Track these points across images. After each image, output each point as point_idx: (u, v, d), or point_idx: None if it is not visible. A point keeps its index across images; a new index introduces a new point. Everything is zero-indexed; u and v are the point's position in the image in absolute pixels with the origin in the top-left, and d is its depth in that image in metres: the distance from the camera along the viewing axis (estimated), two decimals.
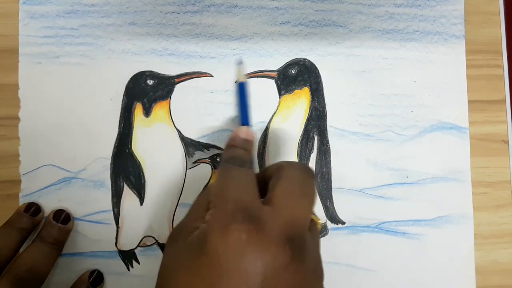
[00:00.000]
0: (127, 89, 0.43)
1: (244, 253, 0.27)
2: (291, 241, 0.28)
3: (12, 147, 0.42)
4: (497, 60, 0.46)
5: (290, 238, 0.28)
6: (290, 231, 0.28)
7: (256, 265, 0.26)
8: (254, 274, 0.26)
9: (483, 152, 0.45)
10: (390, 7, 0.45)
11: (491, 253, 0.45)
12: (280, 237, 0.28)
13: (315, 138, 0.44)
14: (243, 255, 0.27)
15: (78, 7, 0.43)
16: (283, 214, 0.29)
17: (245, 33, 0.44)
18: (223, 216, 0.28)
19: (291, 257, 0.27)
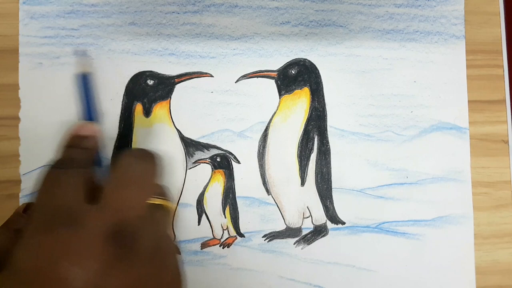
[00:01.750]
0: (127, 89, 0.43)
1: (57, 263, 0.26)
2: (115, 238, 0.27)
3: (12, 147, 0.42)
4: (497, 60, 0.46)
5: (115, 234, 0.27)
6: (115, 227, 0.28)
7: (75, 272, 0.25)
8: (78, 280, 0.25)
9: (483, 152, 0.45)
10: (390, 7, 0.45)
11: (491, 253, 0.45)
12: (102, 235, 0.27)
13: (315, 138, 0.44)
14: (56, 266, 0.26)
15: (78, 7, 0.43)
16: (106, 210, 0.28)
17: (245, 33, 0.44)
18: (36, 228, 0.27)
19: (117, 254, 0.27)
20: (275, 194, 0.43)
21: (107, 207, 0.29)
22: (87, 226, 0.27)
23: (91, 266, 0.26)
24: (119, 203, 0.29)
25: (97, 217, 0.28)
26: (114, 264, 0.27)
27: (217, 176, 0.43)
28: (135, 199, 0.30)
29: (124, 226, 0.28)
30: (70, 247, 0.26)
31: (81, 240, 0.26)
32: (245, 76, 0.44)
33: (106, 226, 0.27)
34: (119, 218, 0.28)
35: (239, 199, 0.43)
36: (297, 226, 0.43)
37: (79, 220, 0.27)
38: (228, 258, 0.43)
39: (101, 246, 0.27)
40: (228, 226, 0.43)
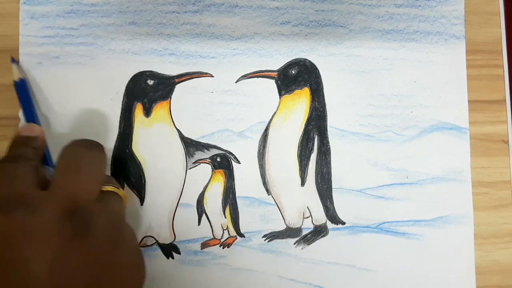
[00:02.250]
0: (127, 89, 0.43)
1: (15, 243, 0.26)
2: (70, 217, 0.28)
3: None
4: (497, 60, 0.46)
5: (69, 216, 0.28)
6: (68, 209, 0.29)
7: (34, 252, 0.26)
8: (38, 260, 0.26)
9: (483, 152, 0.45)
10: (391, 7, 0.45)
11: (491, 253, 0.45)
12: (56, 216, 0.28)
13: (315, 138, 0.44)
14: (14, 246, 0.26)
15: (78, 7, 0.43)
16: (59, 192, 0.30)
17: (246, 33, 0.44)
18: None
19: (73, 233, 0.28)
20: (275, 194, 0.43)
21: (58, 190, 0.30)
22: (41, 208, 0.28)
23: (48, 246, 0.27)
24: (70, 186, 0.30)
25: (49, 199, 0.29)
26: (70, 244, 0.27)
27: (217, 176, 0.43)
28: (85, 183, 0.31)
29: (77, 207, 0.29)
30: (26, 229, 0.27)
31: (36, 221, 0.27)
32: (245, 76, 0.44)
33: (59, 207, 0.29)
34: (71, 200, 0.29)
35: (239, 199, 0.43)
36: (297, 226, 0.44)
37: (31, 202, 0.28)
38: (228, 258, 0.43)
39: (56, 226, 0.28)
40: (228, 226, 0.43)
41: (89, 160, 0.33)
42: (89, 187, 0.31)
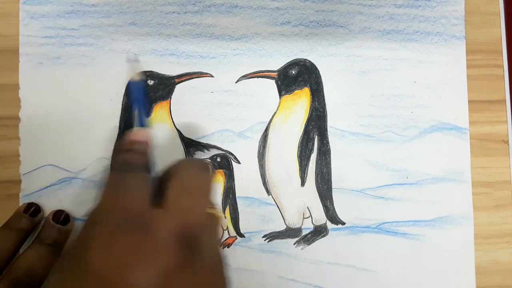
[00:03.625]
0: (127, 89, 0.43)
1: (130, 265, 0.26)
2: (183, 242, 0.28)
3: (12, 147, 0.42)
4: (497, 60, 0.46)
5: (182, 239, 0.28)
6: (182, 231, 0.28)
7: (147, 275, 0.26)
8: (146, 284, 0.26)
9: (483, 152, 0.45)
10: (391, 7, 0.45)
11: (491, 253, 0.45)
12: (170, 240, 0.27)
13: (315, 139, 0.44)
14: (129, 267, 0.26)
15: (79, 7, 0.43)
16: (174, 214, 0.29)
17: (246, 33, 0.44)
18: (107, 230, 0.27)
19: (185, 258, 0.27)
20: (275, 194, 0.43)
21: (173, 212, 0.29)
22: (156, 230, 0.27)
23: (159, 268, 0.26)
24: (184, 210, 0.30)
25: (165, 221, 0.28)
26: (181, 269, 0.27)
27: (217, 176, 0.43)
28: (199, 207, 0.31)
29: (190, 232, 0.29)
30: (141, 251, 0.27)
31: (151, 244, 0.27)
32: (246, 76, 0.44)
33: (173, 231, 0.28)
34: (185, 224, 0.29)
35: (239, 199, 0.43)
36: (297, 227, 0.44)
37: (148, 223, 0.28)
38: (228, 258, 0.43)
39: (170, 250, 0.27)
40: (228, 226, 0.43)
41: (203, 184, 0.32)
42: (201, 212, 0.31)
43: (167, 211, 0.29)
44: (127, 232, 0.27)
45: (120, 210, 0.29)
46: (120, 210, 0.29)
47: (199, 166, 0.33)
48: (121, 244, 0.27)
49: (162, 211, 0.29)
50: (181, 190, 0.31)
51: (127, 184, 0.31)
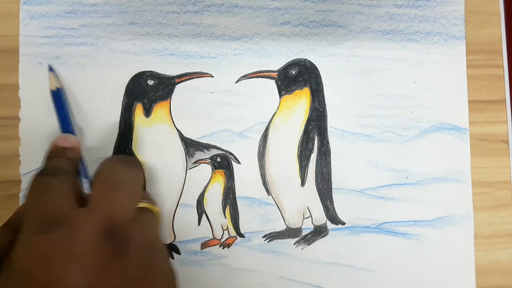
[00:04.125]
0: (128, 89, 0.43)
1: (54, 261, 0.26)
2: (108, 237, 0.28)
3: (12, 147, 0.42)
4: (497, 60, 0.46)
5: (107, 233, 0.28)
6: (106, 226, 0.28)
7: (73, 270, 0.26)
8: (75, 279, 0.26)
9: (483, 152, 0.45)
10: (391, 7, 0.45)
11: (491, 253, 0.45)
12: (94, 235, 0.28)
13: (315, 139, 0.44)
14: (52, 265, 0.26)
15: (79, 7, 0.43)
16: (97, 211, 0.29)
17: (246, 33, 0.44)
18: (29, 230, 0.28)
19: (110, 253, 0.28)
20: (275, 194, 0.43)
21: (96, 209, 0.30)
22: (79, 227, 0.28)
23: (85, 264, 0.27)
24: (108, 206, 0.30)
25: (88, 218, 0.29)
26: (107, 263, 0.27)
27: (217, 176, 0.43)
28: (124, 202, 0.31)
29: (115, 227, 0.29)
30: (64, 247, 0.27)
31: (74, 240, 0.27)
32: (246, 76, 0.44)
33: (97, 227, 0.28)
34: (109, 219, 0.29)
35: (239, 199, 0.43)
36: (297, 227, 0.44)
37: (71, 221, 0.28)
38: (228, 259, 0.43)
39: (93, 245, 0.27)
40: (228, 226, 0.43)
41: (127, 178, 0.32)
42: (127, 206, 0.31)
43: (89, 208, 0.30)
44: (47, 230, 0.27)
45: (42, 211, 0.29)
46: (42, 212, 0.29)
47: (123, 162, 0.33)
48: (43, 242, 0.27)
49: (84, 209, 0.30)
50: (101, 187, 0.31)
51: (51, 188, 0.31)
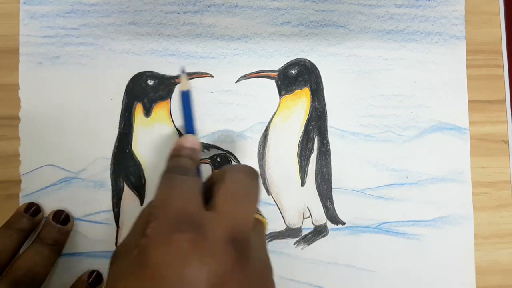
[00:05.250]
0: (128, 89, 0.43)
1: (187, 262, 0.27)
2: (234, 244, 0.28)
3: (12, 147, 0.42)
4: (497, 60, 0.46)
5: (233, 241, 0.28)
6: (233, 234, 0.29)
7: (201, 273, 0.26)
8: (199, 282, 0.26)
9: (483, 152, 0.45)
10: (391, 7, 0.45)
11: (491, 253, 0.45)
12: (222, 241, 0.28)
13: (315, 139, 0.44)
14: (186, 265, 0.26)
15: (78, 6, 0.43)
16: (225, 218, 0.29)
17: (246, 33, 0.44)
18: (164, 227, 0.28)
19: (235, 260, 0.28)
20: (275, 194, 0.43)
21: (224, 215, 0.30)
22: (208, 230, 0.28)
23: (212, 269, 0.27)
24: (235, 214, 0.30)
25: (216, 222, 0.29)
26: (231, 271, 0.27)
27: None
28: (248, 212, 0.31)
29: (240, 235, 0.29)
30: (196, 249, 0.27)
31: (204, 243, 0.27)
32: (246, 76, 0.44)
33: (225, 233, 0.28)
34: (235, 227, 0.29)
35: None
36: (297, 227, 0.44)
37: (202, 224, 0.28)
38: None
39: (221, 251, 0.27)
40: None
41: (252, 190, 0.32)
42: (250, 217, 0.31)
43: (218, 213, 0.30)
44: (184, 230, 0.28)
45: (176, 209, 0.29)
46: (176, 209, 0.29)
47: (246, 172, 0.33)
48: (179, 241, 0.27)
49: (214, 214, 0.30)
50: (230, 195, 0.31)
51: (182, 186, 0.31)
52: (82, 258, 0.42)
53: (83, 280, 0.41)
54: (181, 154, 0.37)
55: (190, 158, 0.36)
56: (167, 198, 0.30)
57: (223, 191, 0.31)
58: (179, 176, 0.33)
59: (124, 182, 0.42)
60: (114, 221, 0.42)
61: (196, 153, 0.38)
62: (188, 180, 0.32)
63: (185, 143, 0.38)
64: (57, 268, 0.41)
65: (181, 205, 0.30)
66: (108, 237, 0.42)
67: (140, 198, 0.42)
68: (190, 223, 0.28)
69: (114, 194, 0.42)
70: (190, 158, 0.36)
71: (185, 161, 0.36)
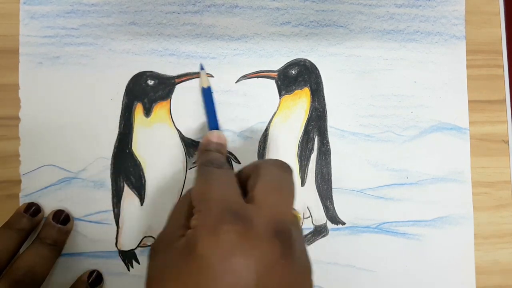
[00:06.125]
0: (128, 89, 0.43)
1: (235, 253, 0.27)
2: (279, 236, 0.28)
3: (12, 147, 0.42)
4: (497, 60, 0.46)
5: (278, 233, 0.28)
6: (276, 227, 0.29)
7: (249, 264, 0.27)
8: (248, 273, 0.26)
9: (483, 152, 0.45)
10: (391, 7, 0.45)
11: (491, 253, 0.45)
12: (268, 234, 0.28)
13: (315, 139, 0.44)
14: (234, 255, 0.27)
15: (78, 7, 0.43)
16: (267, 211, 0.29)
17: (246, 33, 0.44)
18: (210, 218, 0.28)
19: (281, 252, 0.28)
20: None
21: (266, 208, 0.30)
22: (254, 222, 0.28)
23: (259, 261, 0.27)
24: (277, 207, 0.30)
25: (261, 215, 0.29)
26: (275, 263, 0.27)
27: None
28: (288, 207, 0.31)
29: (282, 229, 0.29)
30: (243, 240, 0.27)
31: (251, 234, 0.28)
32: (246, 76, 0.44)
33: (270, 224, 0.29)
34: (277, 220, 0.29)
35: None
36: None
37: (247, 215, 0.28)
38: None
39: (268, 241, 0.28)
40: None
41: (289, 183, 0.33)
42: (290, 209, 0.31)
43: (259, 206, 0.30)
44: (231, 220, 0.28)
45: (219, 201, 0.29)
46: (219, 201, 0.29)
47: (281, 166, 0.33)
48: (227, 232, 0.27)
49: (255, 206, 0.30)
50: (269, 188, 0.31)
51: (221, 179, 0.32)
52: (82, 258, 0.42)
53: (83, 280, 0.41)
54: (210, 149, 0.38)
55: (219, 152, 0.37)
56: (208, 191, 0.31)
57: (261, 184, 0.31)
58: (216, 169, 0.33)
59: (124, 182, 0.42)
60: (114, 221, 0.42)
61: (224, 147, 0.39)
62: (225, 173, 0.33)
63: (212, 138, 0.39)
64: (57, 268, 0.41)
65: (223, 197, 0.30)
66: (108, 237, 0.42)
67: (140, 198, 0.42)
68: (235, 215, 0.28)
69: (114, 194, 0.42)
70: (219, 152, 0.37)
71: (216, 155, 0.37)
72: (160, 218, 0.42)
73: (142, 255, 0.42)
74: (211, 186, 0.31)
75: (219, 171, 0.33)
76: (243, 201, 0.30)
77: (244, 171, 0.34)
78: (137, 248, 0.42)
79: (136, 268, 0.42)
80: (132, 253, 0.42)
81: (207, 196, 0.30)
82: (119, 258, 0.42)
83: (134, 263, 0.42)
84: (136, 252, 0.42)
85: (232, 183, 0.32)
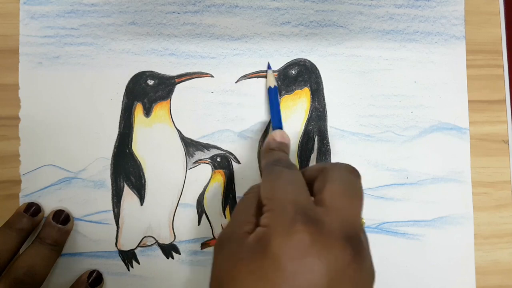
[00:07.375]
0: (128, 89, 0.43)
1: (308, 254, 0.27)
2: (350, 241, 0.28)
3: (12, 147, 0.42)
4: (497, 60, 0.46)
5: (349, 238, 0.28)
6: (347, 231, 0.28)
7: (321, 266, 0.26)
8: (319, 275, 0.26)
9: (483, 152, 0.45)
10: (391, 7, 0.45)
11: (491, 253, 0.45)
12: (340, 237, 0.28)
13: (315, 139, 0.44)
14: (307, 257, 0.27)
15: (79, 7, 0.43)
16: (337, 214, 0.29)
17: (246, 33, 0.44)
18: (283, 218, 0.28)
19: (352, 257, 0.27)
20: None
21: (336, 212, 0.29)
22: (326, 225, 0.28)
23: (333, 261, 0.27)
24: (346, 212, 0.30)
25: (332, 218, 0.29)
26: (349, 265, 0.27)
27: (217, 176, 0.43)
28: (358, 212, 0.31)
29: (352, 233, 0.29)
30: (316, 242, 0.27)
31: (324, 236, 0.27)
32: (246, 76, 0.44)
33: (341, 228, 0.28)
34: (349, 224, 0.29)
35: (239, 199, 0.43)
36: None
37: (319, 218, 0.28)
38: None
39: (340, 245, 0.27)
40: None
41: (359, 189, 0.32)
42: (359, 215, 0.31)
43: (330, 210, 0.29)
44: (305, 221, 0.28)
45: (290, 201, 0.29)
46: (290, 201, 0.29)
47: (351, 171, 0.33)
48: (300, 233, 0.27)
49: (325, 210, 0.29)
50: (339, 192, 0.31)
51: (290, 179, 0.32)
52: (82, 258, 0.42)
53: (83, 280, 0.41)
54: (275, 148, 0.38)
55: (282, 151, 0.37)
56: (278, 190, 0.30)
57: (330, 187, 0.31)
58: (285, 169, 0.33)
59: (124, 182, 0.42)
60: (114, 221, 0.42)
61: (287, 147, 0.39)
62: (295, 174, 0.32)
63: (276, 137, 0.39)
64: (57, 268, 0.41)
65: (293, 197, 0.30)
66: (108, 237, 0.42)
67: (140, 198, 0.42)
68: (307, 216, 0.28)
69: (114, 194, 0.42)
70: (282, 151, 0.37)
71: (283, 154, 0.37)
72: (160, 218, 0.42)
73: (142, 255, 0.42)
74: (283, 186, 0.31)
75: (289, 171, 0.33)
76: (313, 203, 0.30)
77: (307, 173, 0.33)
78: (137, 248, 0.42)
79: (136, 268, 0.42)
80: (132, 253, 0.42)
81: (279, 195, 0.30)
82: (119, 258, 0.42)
83: (134, 263, 0.42)
84: (136, 252, 0.42)
85: (302, 185, 0.31)
